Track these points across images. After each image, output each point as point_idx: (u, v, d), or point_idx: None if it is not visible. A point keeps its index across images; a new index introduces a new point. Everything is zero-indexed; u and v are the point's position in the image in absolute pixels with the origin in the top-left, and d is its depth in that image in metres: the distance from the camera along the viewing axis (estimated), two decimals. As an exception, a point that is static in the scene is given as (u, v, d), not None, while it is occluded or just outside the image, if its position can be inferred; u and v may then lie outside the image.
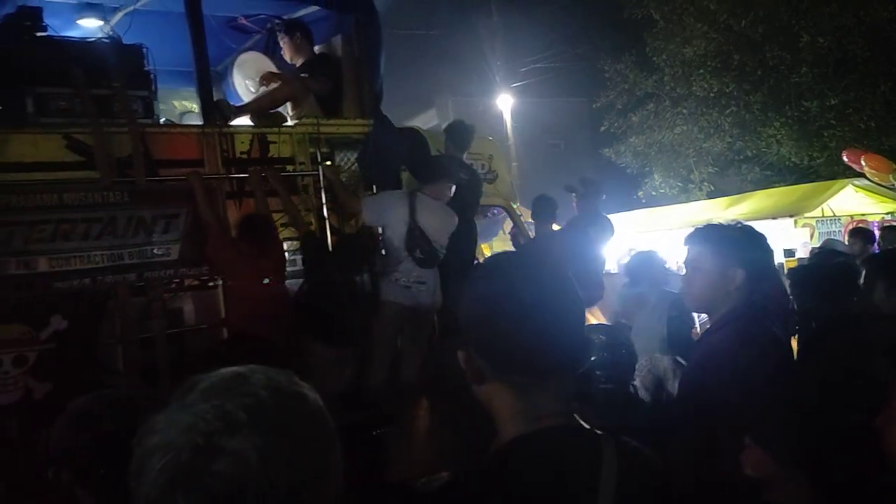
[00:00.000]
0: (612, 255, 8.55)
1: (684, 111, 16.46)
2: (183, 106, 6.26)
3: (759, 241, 2.31)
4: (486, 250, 10.03)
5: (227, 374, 0.89)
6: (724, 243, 2.25)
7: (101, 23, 5.11)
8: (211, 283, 4.37)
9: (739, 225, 2.34)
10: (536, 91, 22.30)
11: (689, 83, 16.06)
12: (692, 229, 2.40)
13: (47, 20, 4.34)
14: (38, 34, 4.20)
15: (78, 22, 5.08)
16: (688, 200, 16.30)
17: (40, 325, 3.71)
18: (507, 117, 21.56)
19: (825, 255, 5.10)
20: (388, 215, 4.53)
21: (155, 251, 4.07)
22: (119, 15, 5.16)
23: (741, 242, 2.26)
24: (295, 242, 4.61)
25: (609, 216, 6.03)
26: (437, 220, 4.55)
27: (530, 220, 6.30)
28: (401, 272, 4.46)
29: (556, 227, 6.23)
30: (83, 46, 4.28)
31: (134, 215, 4.01)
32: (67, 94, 4.01)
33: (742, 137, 16.06)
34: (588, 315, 4.73)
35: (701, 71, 15.84)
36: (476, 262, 5.33)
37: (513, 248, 6.24)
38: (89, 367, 3.83)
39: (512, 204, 6.34)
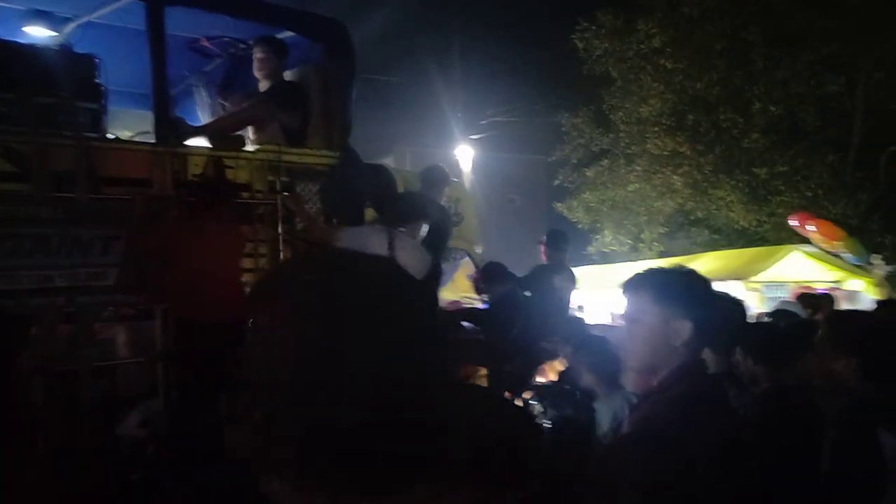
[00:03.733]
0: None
1: (637, 168, 16.73)
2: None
3: (707, 288, 1.98)
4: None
5: None
6: (668, 290, 1.91)
7: (50, 33, 4.80)
8: (150, 313, 4.00)
9: (685, 269, 2.00)
10: (496, 145, 22.48)
11: (644, 140, 16.39)
12: None
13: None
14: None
15: (24, 29, 4.75)
16: (637, 259, 16.44)
17: (-49, 350, 3.28)
18: (466, 169, 21.65)
19: (781, 316, 4.99)
20: (365, 250, 4.26)
21: (89, 274, 3.71)
22: (70, 26, 4.86)
23: (688, 289, 1.93)
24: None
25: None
26: (415, 261, 4.32)
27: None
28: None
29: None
30: (29, 51, 3.97)
31: (69, 234, 3.65)
32: (8, 100, 3.69)
33: (693, 198, 16.39)
34: (555, 365, 4.52)
35: (655, 129, 16.16)
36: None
37: (474, 293, 6.03)
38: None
39: (476, 249, 6.15)
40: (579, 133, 17.56)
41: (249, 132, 4.81)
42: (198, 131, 4.50)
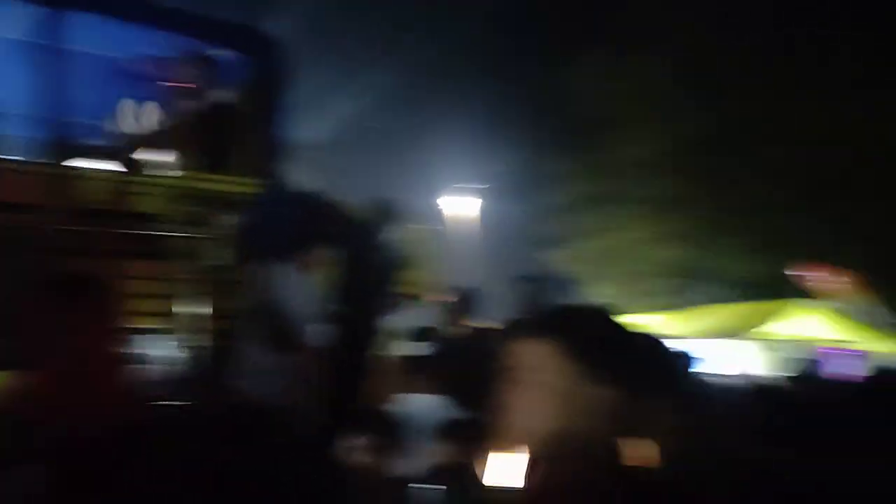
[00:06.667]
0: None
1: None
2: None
3: None
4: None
5: None
6: None
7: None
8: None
9: None
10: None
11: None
12: None
13: None
14: None
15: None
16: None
17: None
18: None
19: None
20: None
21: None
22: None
23: None
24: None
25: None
26: (301, 294, 3.68)
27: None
28: (251, 357, 3.55)
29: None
30: None
31: None
32: None
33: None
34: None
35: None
36: None
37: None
38: None
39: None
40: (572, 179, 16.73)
41: (160, 155, 4.23)
42: (92, 152, 3.92)
